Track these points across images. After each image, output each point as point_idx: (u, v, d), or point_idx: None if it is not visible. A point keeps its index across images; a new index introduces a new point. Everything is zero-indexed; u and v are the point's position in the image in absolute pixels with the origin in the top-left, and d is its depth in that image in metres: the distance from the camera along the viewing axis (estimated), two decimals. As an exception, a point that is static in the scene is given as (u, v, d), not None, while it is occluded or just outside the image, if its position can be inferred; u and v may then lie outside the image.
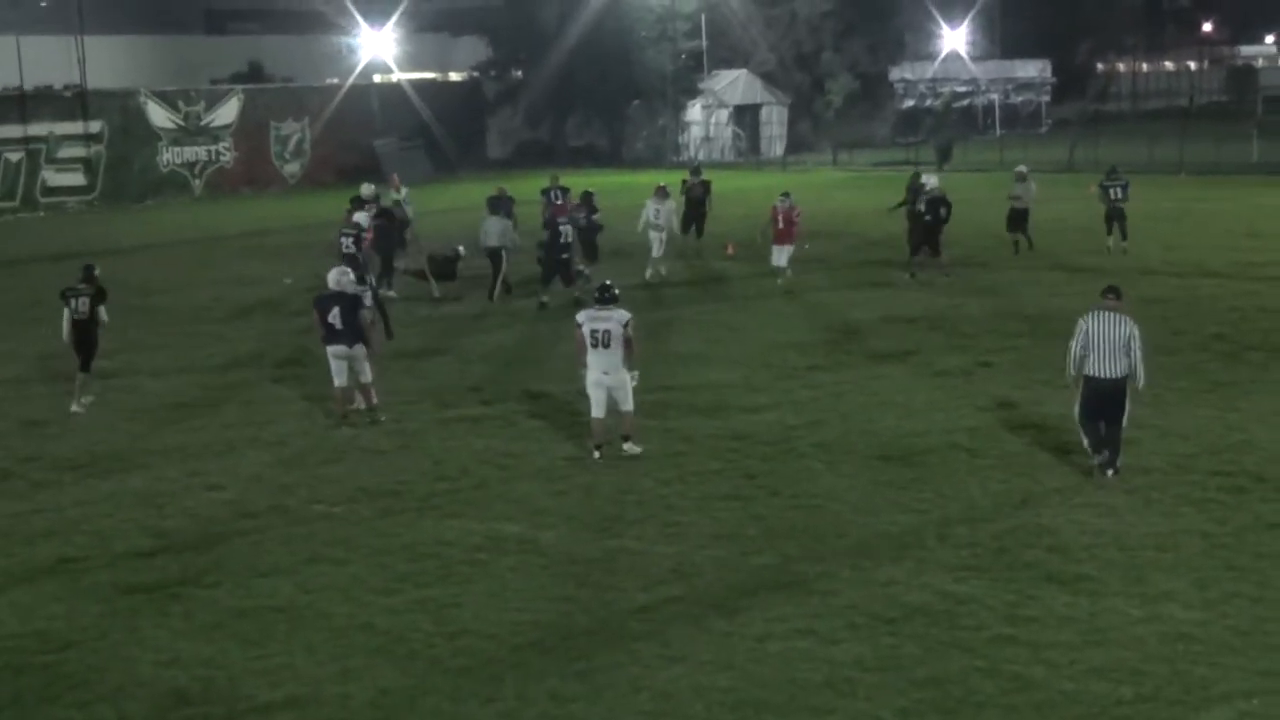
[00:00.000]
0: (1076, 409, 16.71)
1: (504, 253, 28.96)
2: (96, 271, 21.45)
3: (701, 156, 60.43)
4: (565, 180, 36.41)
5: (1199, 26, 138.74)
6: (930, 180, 32.23)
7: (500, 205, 30.45)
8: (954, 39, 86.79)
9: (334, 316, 18.97)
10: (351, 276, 19.86)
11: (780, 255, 30.25)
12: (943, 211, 30.55)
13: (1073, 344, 16.36)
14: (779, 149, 66.30)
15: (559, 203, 33.10)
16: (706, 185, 35.89)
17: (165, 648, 12.35)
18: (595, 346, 17.28)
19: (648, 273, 31.25)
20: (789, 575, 13.58)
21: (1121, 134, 64.82)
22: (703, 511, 15.54)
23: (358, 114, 57.54)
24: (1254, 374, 21.38)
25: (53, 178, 47.69)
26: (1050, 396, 19.09)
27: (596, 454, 17.67)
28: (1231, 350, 22.98)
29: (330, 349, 19.23)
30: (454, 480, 17.00)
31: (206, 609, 13.18)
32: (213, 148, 52.55)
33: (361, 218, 27.56)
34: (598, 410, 17.59)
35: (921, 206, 30.70)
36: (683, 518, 15.35)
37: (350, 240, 26.79)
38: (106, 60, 55.74)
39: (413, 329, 25.98)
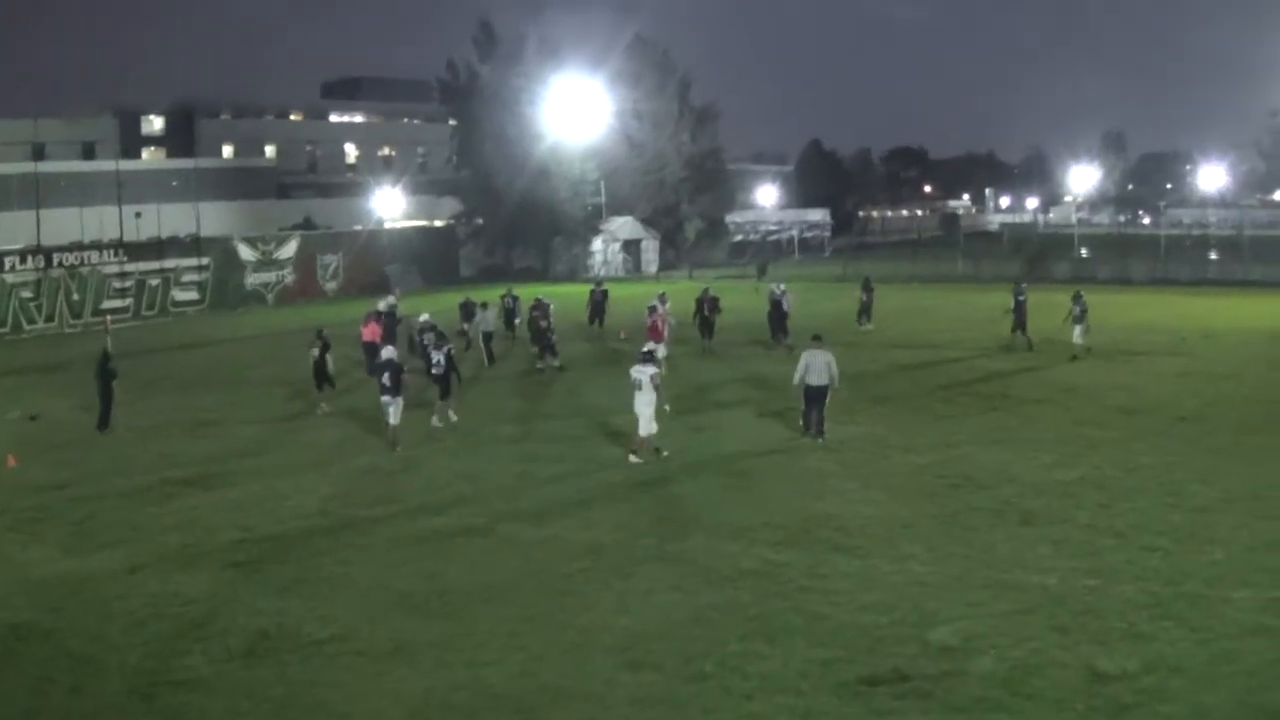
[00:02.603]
0: (801, 405, 18.71)
1: (493, 335, 30.01)
2: (323, 333, 23.49)
3: (602, 273, 60.43)
4: (516, 290, 36.30)
5: (923, 188, 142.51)
6: (776, 287, 32.28)
7: (489, 305, 30.73)
8: (766, 195, 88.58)
9: (385, 378, 19.46)
10: (394, 353, 20.44)
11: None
12: (784, 305, 30.94)
13: (799, 366, 18.56)
14: (654, 268, 66.43)
15: (534, 302, 31.57)
16: (605, 293, 35.96)
17: (251, 603, 12.19)
18: (634, 389, 17.69)
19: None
20: (664, 551, 13.61)
21: (875, 257, 66.13)
22: (607, 509, 15.54)
23: (374, 248, 57.19)
24: (963, 411, 21.78)
25: (179, 294, 47.41)
26: (836, 430, 19.29)
27: (631, 458, 17.83)
28: (949, 395, 23.37)
29: (383, 399, 19.58)
30: (439, 491, 16.85)
31: (277, 578, 13.01)
32: (280, 273, 51.93)
33: (425, 320, 26.87)
34: (639, 429, 17.81)
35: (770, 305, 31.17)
36: (593, 512, 15.36)
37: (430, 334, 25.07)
38: (213, 217, 56.79)
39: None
